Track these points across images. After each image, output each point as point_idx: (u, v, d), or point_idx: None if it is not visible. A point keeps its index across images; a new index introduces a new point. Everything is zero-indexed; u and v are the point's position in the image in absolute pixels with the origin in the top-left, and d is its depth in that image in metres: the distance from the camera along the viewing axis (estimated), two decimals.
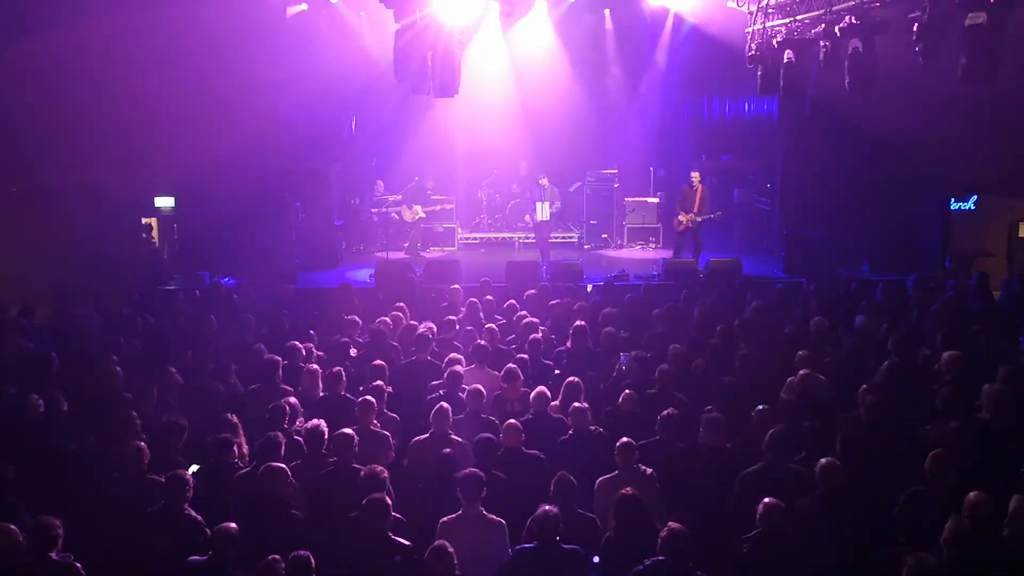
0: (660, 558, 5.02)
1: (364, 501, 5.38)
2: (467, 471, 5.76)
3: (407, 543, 5.35)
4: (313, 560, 4.91)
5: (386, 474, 5.84)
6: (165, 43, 12.65)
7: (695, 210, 14.77)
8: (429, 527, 5.66)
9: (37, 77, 12.51)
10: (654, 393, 7.60)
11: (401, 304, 10.32)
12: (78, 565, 5.09)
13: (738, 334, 9.13)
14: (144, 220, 14.74)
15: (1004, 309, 10.39)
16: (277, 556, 4.88)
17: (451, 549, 5.04)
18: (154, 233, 14.76)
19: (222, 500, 5.91)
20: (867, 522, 5.67)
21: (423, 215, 16.66)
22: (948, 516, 5.12)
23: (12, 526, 5.08)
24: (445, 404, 6.91)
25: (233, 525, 5.15)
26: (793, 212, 15.36)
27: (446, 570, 5.02)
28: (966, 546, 4.90)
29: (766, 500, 5.30)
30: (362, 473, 5.81)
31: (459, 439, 6.73)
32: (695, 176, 15.07)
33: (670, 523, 5.13)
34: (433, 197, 16.98)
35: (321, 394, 7.67)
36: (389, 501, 5.43)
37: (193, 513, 5.58)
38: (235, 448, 6.42)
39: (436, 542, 5.10)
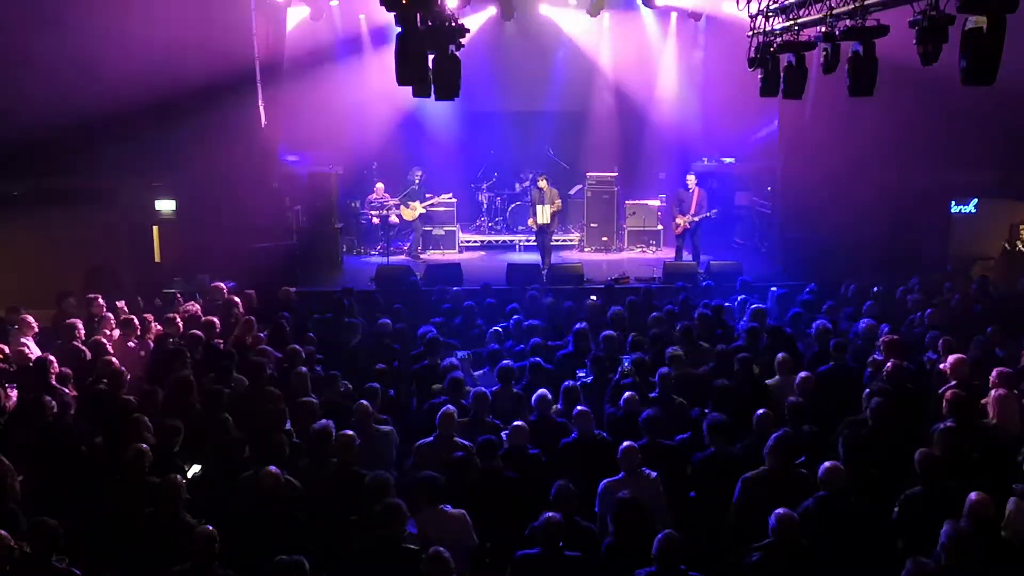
0: (652, 568, 5.01)
1: (378, 507, 5.38)
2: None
3: (416, 548, 5.35)
4: (309, 564, 4.89)
5: (391, 479, 5.85)
6: (166, 46, 12.66)
7: (692, 211, 14.87)
8: None
9: (39, 80, 12.53)
10: (655, 396, 7.61)
11: None
12: (77, 573, 5.09)
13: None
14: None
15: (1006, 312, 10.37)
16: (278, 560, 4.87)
17: (447, 555, 5.00)
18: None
19: (225, 502, 5.92)
20: (870, 526, 5.68)
21: (423, 210, 16.59)
22: (946, 518, 5.12)
23: (2, 531, 5.08)
24: (451, 407, 6.94)
25: (211, 528, 5.14)
26: (794, 215, 15.36)
27: None
28: (966, 549, 4.89)
29: (779, 511, 5.23)
30: (367, 478, 5.82)
31: (465, 442, 6.74)
32: (691, 179, 15.23)
33: (665, 530, 5.13)
34: (428, 195, 16.86)
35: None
36: (404, 506, 5.42)
37: (189, 518, 5.58)
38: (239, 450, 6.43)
39: (432, 548, 5.06)
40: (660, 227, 17.45)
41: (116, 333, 9.78)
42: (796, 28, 9.93)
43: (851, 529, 5.60)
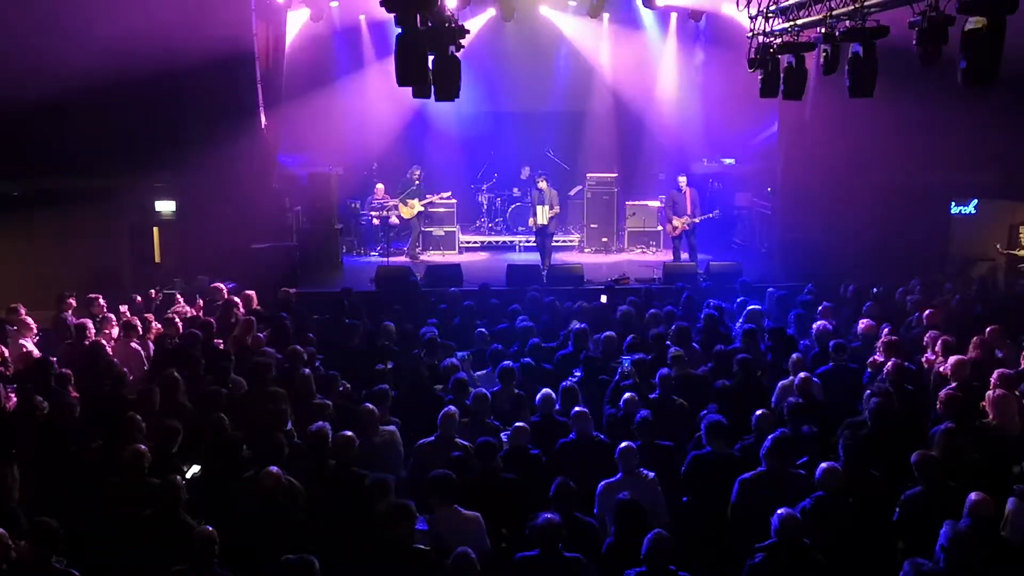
0: (642, 568, 5.01)
1: (386, 508, 5.38)
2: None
3: (426, 548, 5.35)
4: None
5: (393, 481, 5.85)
6: (166, 48, 12.65)
7: (688, 212, 14.87)
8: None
9: (39, 81, 12.52)
10: (655, 398, 7.61)
11: None
12: (76, 574, 5.08)
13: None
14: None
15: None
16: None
17: (474, 555, 5.02)
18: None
19: (224, 502, 5.92)
20: (867, 527, 5.68)
21: (421, 208, 16.51)
22: (947, 519, 5.11)
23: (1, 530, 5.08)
24: (453, 408, 6.94)
25: (210, 528, 5.13)
26: (793, 216, 15.36)
27: None
28: (965, 549, 4.88)
29: (782, 512, 5.22)
30: (368, 480, 5.81)
31: (465, 442, 6.74)
32: (682, 180, 15.23)
33: (654, 530, 5.13)
34: (427, 196, 16.81)
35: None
36: (413, 507, 5.41)
37: (189, 519, 5.57)
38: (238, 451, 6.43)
39: (460, 549, 5.07)
40: (660, 228, 17.46)
41: (116, 332, 9.79)
42: (796, 29, 9.94)
43: (848, 530, 5.59)
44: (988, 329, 8.80)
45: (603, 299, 11.52)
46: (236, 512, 5.79)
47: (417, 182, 16.53)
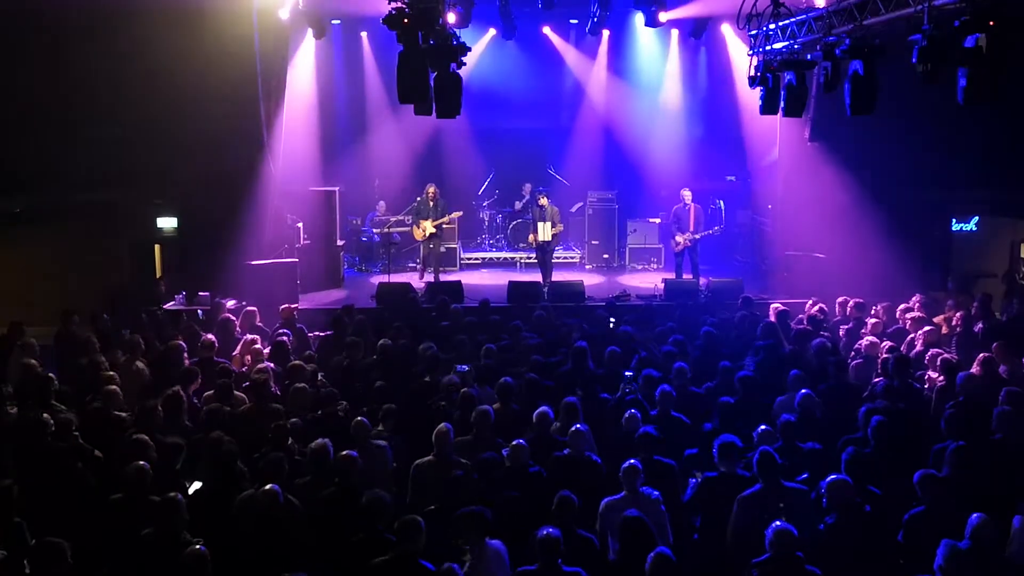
0: None
1: (397, 524, 5.37)
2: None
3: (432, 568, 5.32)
4: None
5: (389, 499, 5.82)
6: (168, 65, 12.70)
7: (691, 228, 14.82)
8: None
9: (41, 96, 12.58)
10: (655, 414, 7.58)
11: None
12: None
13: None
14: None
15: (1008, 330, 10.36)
16: None
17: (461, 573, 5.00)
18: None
19: (224, 520, 5.89)
20: (873, 543, 5.65)
21: (433, 230, 15.90)
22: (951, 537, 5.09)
23: None
24: (447, 425, 6.89)
25: (201, 547, 5.11)
26: (794, 232, 15.35)
27: None
28: (963, 572, 4.85)
29: (776, 526, 5.22)
30: (364, 499, 5.79)
31: (464, 461, 6.71)
32: (687, 194, 15.05)
33: (657, 548, 5.09)
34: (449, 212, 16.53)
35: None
36: (422, 523, 5.40)
37: (189, 537, 5.53)
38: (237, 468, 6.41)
39: (444, 565, 5.04)
40: (661, 245, 17.47)
41: (120, 352, 9.80)
42: (797, 47, 9.99)
43: (861, 543, 5.57)
44: (994, 346, 8.79)
45: (611, 322, 11.39)
46: (235, 530, 5.75)
47: (431, 202, 15.85)
